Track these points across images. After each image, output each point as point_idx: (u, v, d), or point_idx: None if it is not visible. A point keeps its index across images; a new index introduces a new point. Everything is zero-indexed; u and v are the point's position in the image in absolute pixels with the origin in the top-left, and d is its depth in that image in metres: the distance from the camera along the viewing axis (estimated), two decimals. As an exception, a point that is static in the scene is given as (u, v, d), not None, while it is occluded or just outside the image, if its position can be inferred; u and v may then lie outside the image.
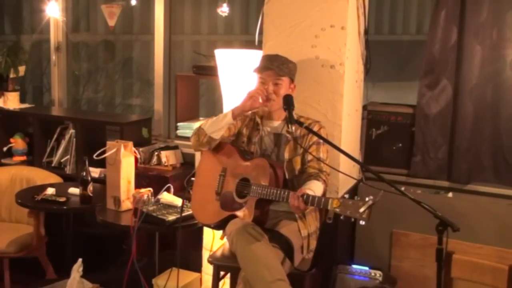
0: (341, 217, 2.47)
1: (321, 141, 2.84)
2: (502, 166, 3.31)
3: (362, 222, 2.45)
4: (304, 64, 3.24)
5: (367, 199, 2.43)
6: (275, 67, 2.85)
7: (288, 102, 2.78)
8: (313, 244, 2.91)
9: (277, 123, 2.94)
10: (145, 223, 3.11)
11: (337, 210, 2.47)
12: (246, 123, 3.00)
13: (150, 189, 3.36)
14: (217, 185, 2.93)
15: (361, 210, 2.42)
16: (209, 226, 3.04)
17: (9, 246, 3.67)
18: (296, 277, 2.72)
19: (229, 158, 2.95)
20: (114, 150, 3.41)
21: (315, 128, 2.85)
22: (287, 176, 2.83)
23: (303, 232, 2.84)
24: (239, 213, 2.81)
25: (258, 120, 2.96)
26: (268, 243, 2.68)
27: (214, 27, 5.77)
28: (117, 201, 3.38)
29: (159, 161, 3.91)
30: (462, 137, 3.33)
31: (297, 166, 2.87)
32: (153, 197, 3.33)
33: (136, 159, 3.69)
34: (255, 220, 2.76)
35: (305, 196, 2.59)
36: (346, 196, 2.51)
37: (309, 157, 2.86)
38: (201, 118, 4.28)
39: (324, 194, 2.86)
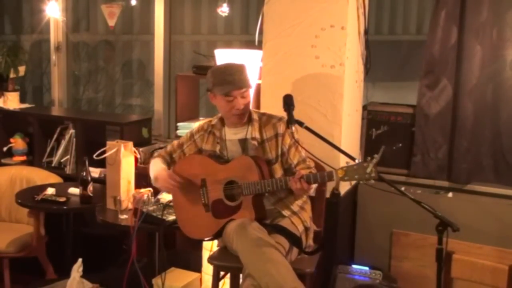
0: (350, 183, 2.47)
1: (296, 138, 2.80)
2: (502, 166, 3.31)
3: (371, 181, 2.45)
4: (304, 64, 3.24)
5: (369, 158, 2.44)
6: (240, 82, 2.79)
7: (288, 102, 2.78)
8: (310, 239, 2.92)
9: (239, 128, 2.91)
10: (145, 223, 3.11)
11: (345, 178, 2.49)
12: (205, 140, 2.99)
13: (150, 189, 3.36)
14: (202, 198, 2.91)
15: (368, 170, 2.43)
16: (204, 239, 3.03)
17: (9, 246, 3.67)
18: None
19: (204, 168, 2.91)
20: (114, 150, 3.41)
21: (282, 127, 2.83)
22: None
23: (300, 227, 2.86)
24: (238, 215, 2.80)
25: (217, 132, 2.94)
26: (269, 237, 2.68)
27: (214, 27, 5.76)
28: (117, 201, 3.38)
29: (159, 161, 3.91)
30: (462, 137, 3.33)
31: (278, 173, 2.85)
32: (153, 197, 3.33)
33: (136, 159, 3.69)
34: (257, 217, 2.76)
35: (305, 176, 2.61)
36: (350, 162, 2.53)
37: (295, 160, 2.84)
38: (201, 118, 4.27)
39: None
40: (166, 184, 2.93)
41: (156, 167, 3.02)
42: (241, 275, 2.73)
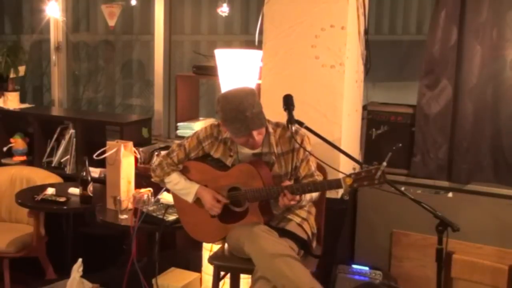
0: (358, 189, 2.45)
1: (306, 152, 2.79)
2: (502, 166, 3.31)
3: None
4: (304, 64, 3.24)
5: (375, 163, 2.46)
6: (254, 121, 2.64)
7: (288, 102, 2.77)
8: (315, 242, 2.93)
9: None
10: (145, 223, 3.11)
11: (354, 185, 2.50)
12: (215, 147, 2.88)
13: (150, 189, 3.36)
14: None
15: (378, 176, 2.44)
16: (213, 243, 3.00)
17: (9, 246, 3.67)
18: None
19: (204, 175, 2.88)
20: (114, 150, 3.41)
21: (298, 140, 2.75)
22: None
23: (309, 233, 2.87)
24: (246, 221, 2.79)
25: (232, 146, 2.84)
26: (278, 237, 2.68)
27: (214, 27, 5.76)
28: (117, 201, 3.37)
29: (159, 161, 3.90)
30: (462, 137, 3.32)
31: None
32: (153, 197, 3.33)
33: (136, 159, 3.69)
34: (265, 221, 2.76)
35: (312, 185, 2.63)
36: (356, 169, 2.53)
37: (303, 173, 2.82)
38: (201, 118, 4.28)
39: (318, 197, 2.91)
40: (215, 209, 2.83)
41: (183, 184, 2.91)
42: (241, 276, 2.73)
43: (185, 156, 2.93)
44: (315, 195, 2.84)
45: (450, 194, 3.40)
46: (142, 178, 3.68)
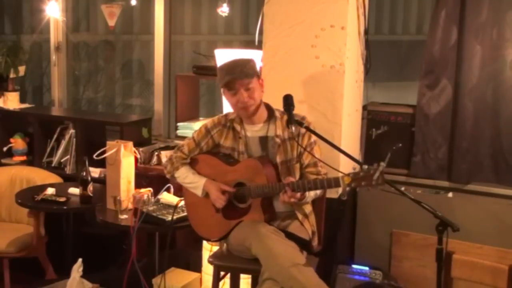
0: (357, 189, 2.46)
1: (312, 140, 2.81)
2: (502, 166, 3.31)
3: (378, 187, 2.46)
4: (304, 64, 3.24)
5: (375, 164, 2.45)
6: (240, 73, 2.73)
7: (288, 102, 2.77)
8: (315, 240, 2.93)
9: (259, 126, 2.86)
10: (145, 223, 3.11)
11: (352, 185, 2.49)
12: (225, 135, 2.90)
13: (150, 189, 3.37)
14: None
15: (375, 177, 2.43)
16: (216, 240, 2.98)
17: (9, 246, 3.67)
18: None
19: (213, 168, 2.89)
20: (114, 150, 3.41)
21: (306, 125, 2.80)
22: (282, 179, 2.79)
23: (309, 231, 2.87)
24: (247, 217, 2.79)
25: (238, 127, 2.86)
26: (285, 238, 2.68)
27: (214, 27, 5.77)
28: (117, 201, 3.37)
29: (159, 161, 3.91)
30: (462, 137, 3.32)
31: (297, 172, 2.84)
32: (153, 197, 3.33)
33: (136, 159, 3.69)
34: (266, 219, 2.76)
35: (312, 183, 2.62)
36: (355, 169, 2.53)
37: (306, 161, 2.84)
38: (201, 118, 4.28)
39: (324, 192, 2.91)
40: (220, 201, 2.84)
41: (191, 178, 2.92)
42: (241, 276, 2.73)
43: (195, 146, 2.94)
44: (319, 191, 2.84)
45: (450, 194, 3.40)
46: (142, 178, 3.68)
